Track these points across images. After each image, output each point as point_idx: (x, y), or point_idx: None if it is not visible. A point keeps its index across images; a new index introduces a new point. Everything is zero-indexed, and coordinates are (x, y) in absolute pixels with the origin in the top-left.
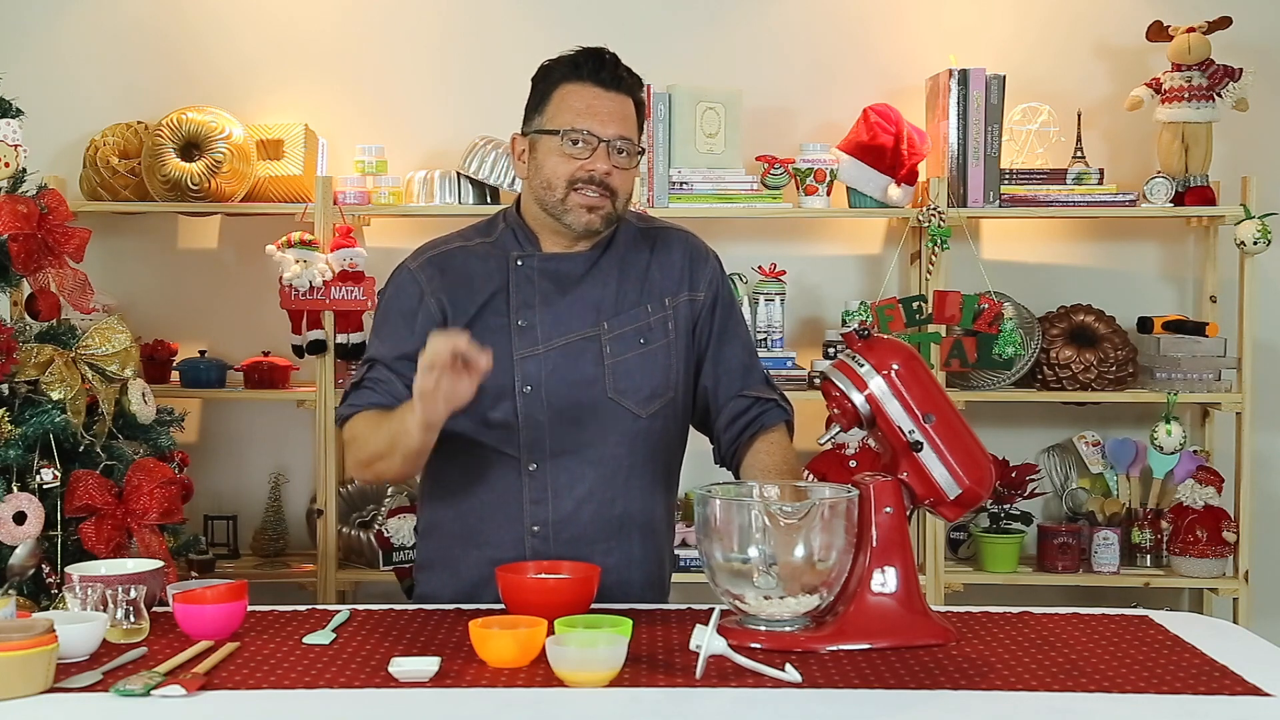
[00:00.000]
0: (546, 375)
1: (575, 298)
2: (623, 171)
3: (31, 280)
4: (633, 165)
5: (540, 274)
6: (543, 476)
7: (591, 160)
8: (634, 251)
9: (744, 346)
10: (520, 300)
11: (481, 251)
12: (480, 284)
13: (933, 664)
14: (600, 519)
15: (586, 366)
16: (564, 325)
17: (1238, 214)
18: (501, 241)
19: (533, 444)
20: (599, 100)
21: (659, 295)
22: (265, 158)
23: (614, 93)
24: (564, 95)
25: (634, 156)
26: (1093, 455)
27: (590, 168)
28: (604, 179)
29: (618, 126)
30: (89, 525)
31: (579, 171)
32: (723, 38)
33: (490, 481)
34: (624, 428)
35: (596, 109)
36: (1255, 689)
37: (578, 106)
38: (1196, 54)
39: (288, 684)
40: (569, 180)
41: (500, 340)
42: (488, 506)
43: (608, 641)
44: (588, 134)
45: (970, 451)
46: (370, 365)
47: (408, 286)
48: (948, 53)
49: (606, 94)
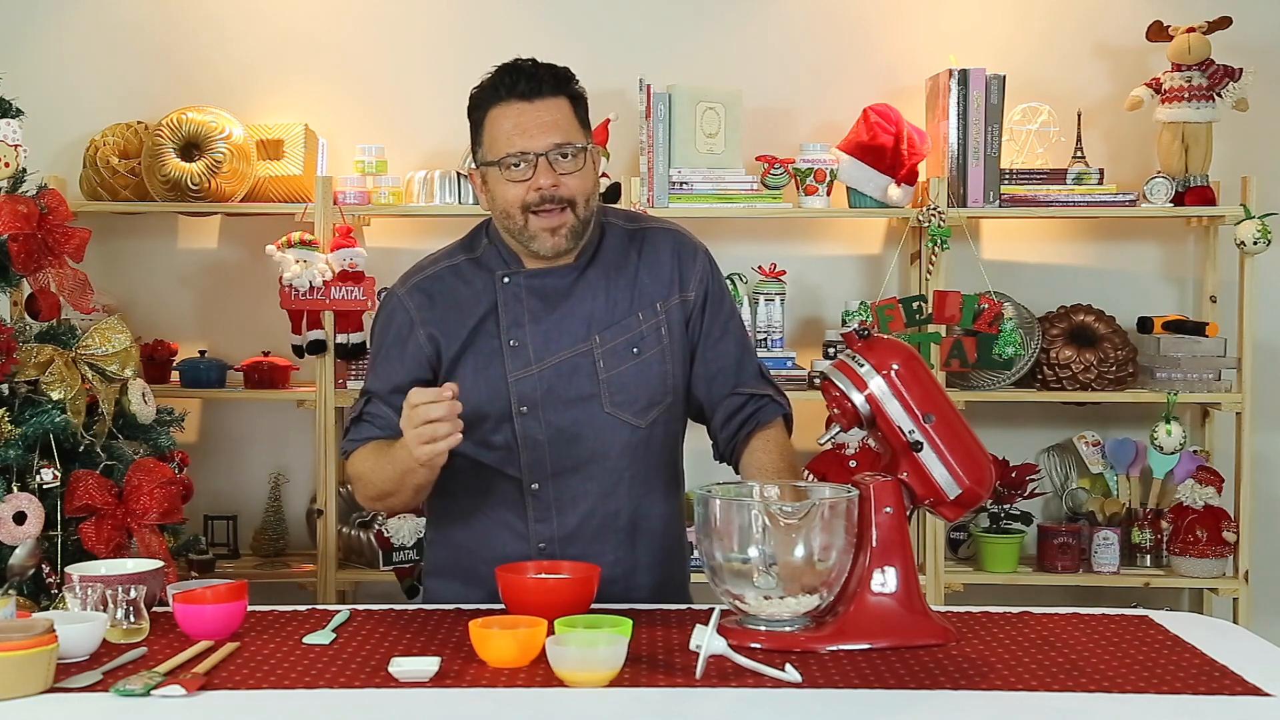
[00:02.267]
0: (542, 395)
1: (564, 313)
2: (572, 176)
3: (31, 280)
4: (582, 166)
5: (527, 291)
6: (546, 495)
7: (534, 178)
8: (621, 259)
9: (737, 342)
10: (510, 320)
11: (467, 272)
12: (470, 307)
13: (933, 664)
14: (606, 530)
15: (581, 382)
16: (555, 342)
17: (1238, 214)
18: (486, 259)
19: (533, 464)
20: (524, 115)
21: (650, 301)
22: (265, 158)
23: (539, 100)
24: (493, 121)
25: (579, 157)
26: (1093, 455)
27: (535, 186)
28: (553, 192)
29: (549, 135)
30: (89, 525)
31: (528, 194)
32: (723, 38)
33: (495, 500)
34: (623, 439)
35: (524, 125)
36: (1255, 689)
37: (506, 129)
38: (1196, 54)
39: (288, 684)
40: (522, 206)
41: (494, 362)
42: (494, 525)
43: (608, 641)
44: (521, 154)
45: (970, 451)
46: (367, 399)
47: (397, 315)
48: (948, 53)
49: (531, 105)
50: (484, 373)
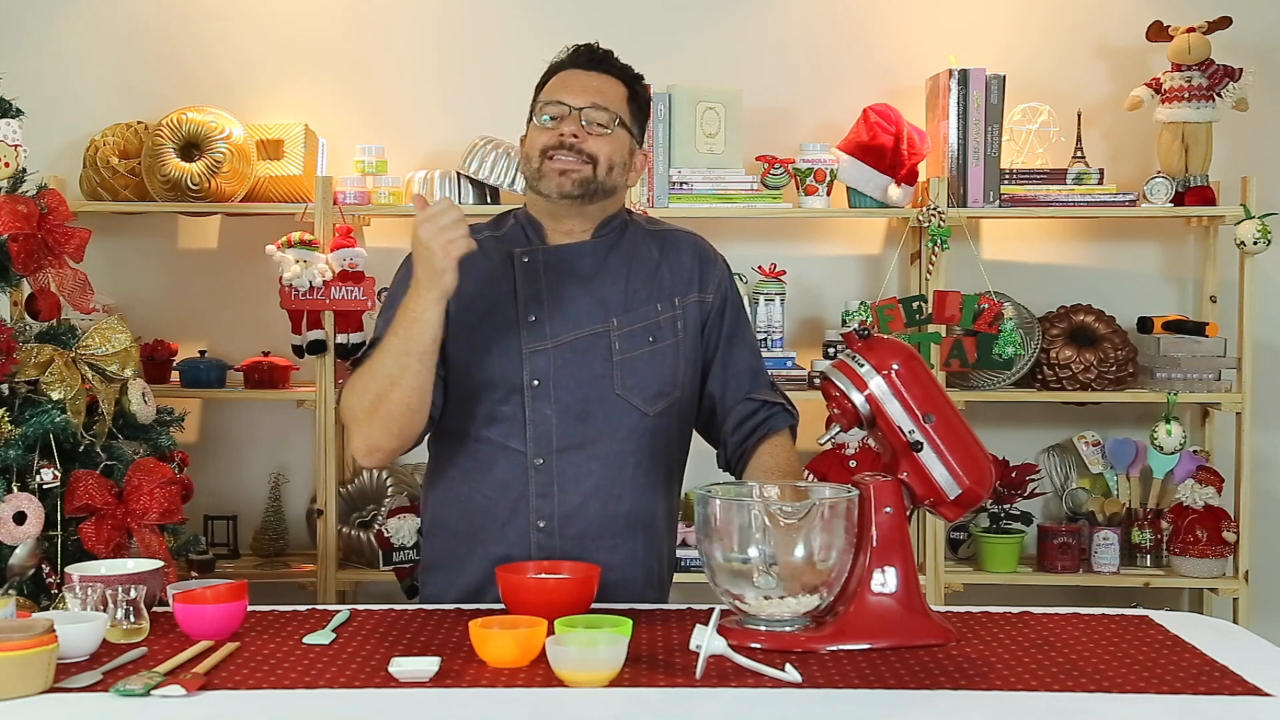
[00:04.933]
0: (555, 370)
1: (585, 293)
2: (599, 138)
3: (31, 280)
4: (611, 134)
5: (547, 267)
6: (549, 471)
7: (561, 124)
8: (643, 250)
9: (752, 350)
10: (529, 294)
11: (489, 246)
12: (488, 277)
13: (933, 664)
14: (605, 515)
15: (595, 362)
16: (573, 321)
17: (1238, 214)
18: (509, 236)
19: (540, 438)
20: (575, 77)
21: (669, 295)
22: (265, 158)
23: (593, 71)
24: (549, 83)
25: (612, 126)
26: (1093, 455)
27: (560, 131)
28: (575, 143)
29: (591, 96)
30: (89, 525)
31: (550, 139)
32: (723, 38)
33: (496, 476)
34: (630, 425)
35: (570, 83)
36: (1255, 689)
37: (555, 86)
38: (1196, 54)
39: (288, 684)
40: (542, 149)
41: (508, 335)
42: (493, 501)
43: (608, 641)
44: (558, 104)
45: (970, 451)
46: (374, 345)
47: None
48: (948, 53)
49: (585, 72)
50: (498, 343)
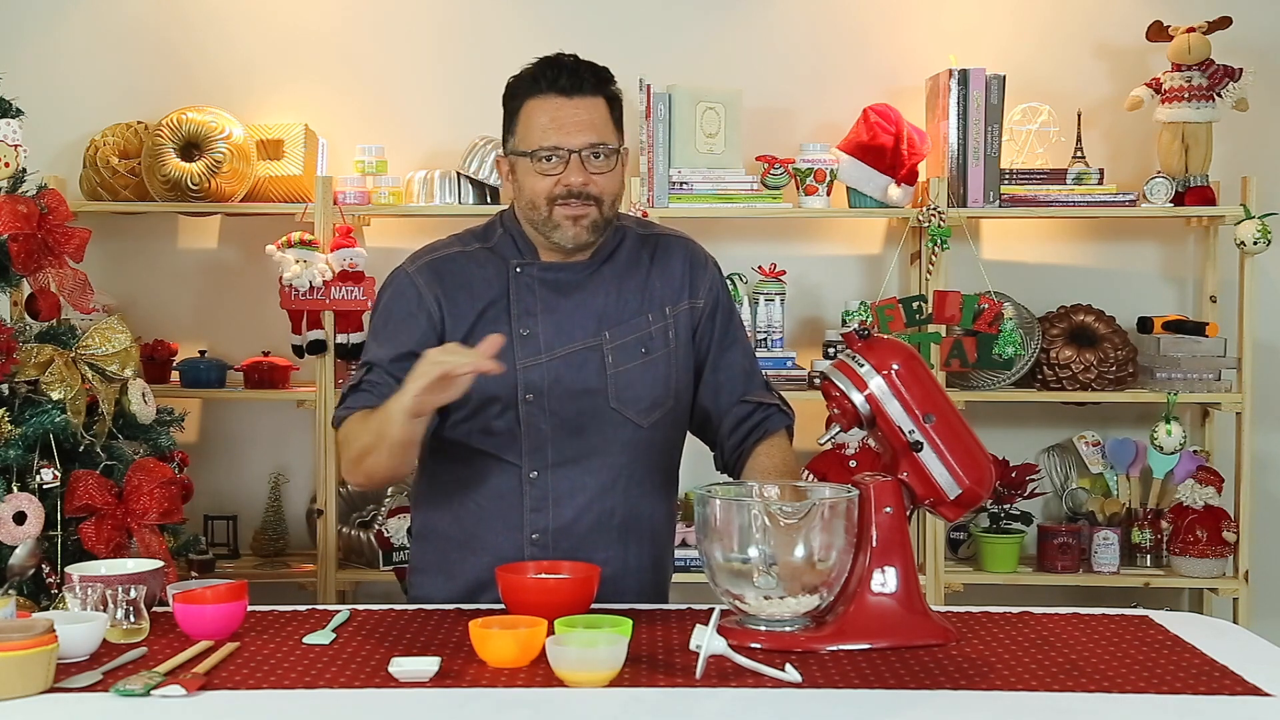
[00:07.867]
0: (549, 384)
1: (576, 306)
2: (602, 176)
3: (31, 280)
4: (612, 167)
5: (540, 283)
6: (543, 484)
7: (566, 174)
8: (634, 260)
9: (744, 352)
10: (522, 308)
11: (480, 258)
12: (479, 290)
13: (933, 664)
14: (600, 527)
15: (589, 376)
16: (566, 334)
17: (1238, 214)
18: (500, 248)
19: (534, 452)
20: (563, 110)
21: (660, 304)
22: (265, 158)
23: (578, 98)
24: (529, 112)
25: (611, 158)
26: (1093, 455)
27: (566, 182)
28: (582, 189)
29: (586, 134)
30: (89, 525)
31: (556, 188)
32: (723, 38)
33: (489, 488)
34: (625, 437)
35: (562, 120)
36: (1255, 689)
37: (543, 122)
38: (1196, 54)
39: (288, 684)
40: (548, 198)
41: (502, 349)
42: (486, 513)
43: (608, 641)
44: (555, 149)
45: (970, 451)
46: (368, 369)
47: (405, 290)
48: (948, 53)
49: (570, 101)
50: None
